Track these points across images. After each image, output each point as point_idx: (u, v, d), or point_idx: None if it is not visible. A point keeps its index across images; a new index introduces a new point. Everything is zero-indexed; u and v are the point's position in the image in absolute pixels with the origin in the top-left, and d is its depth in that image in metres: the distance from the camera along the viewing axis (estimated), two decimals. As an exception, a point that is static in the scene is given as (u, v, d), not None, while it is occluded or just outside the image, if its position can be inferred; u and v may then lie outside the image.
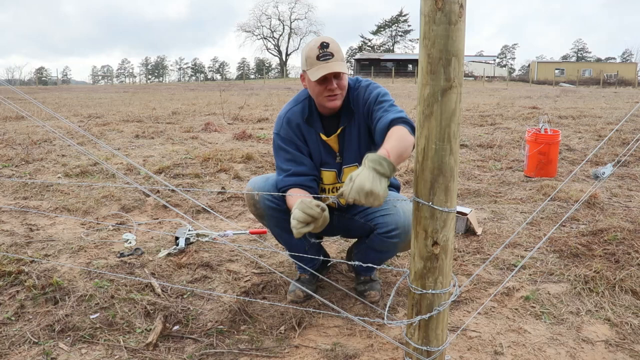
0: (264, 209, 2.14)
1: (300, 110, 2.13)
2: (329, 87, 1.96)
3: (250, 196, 2.16)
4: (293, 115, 2.13)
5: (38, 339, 1.89)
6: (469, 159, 5.67)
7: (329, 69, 1.90)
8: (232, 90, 24.52)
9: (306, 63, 1.96)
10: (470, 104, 14.28)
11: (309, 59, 1.93)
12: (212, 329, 2.00)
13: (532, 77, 49.71)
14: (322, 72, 1.90)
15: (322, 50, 1.91)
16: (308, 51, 1.94)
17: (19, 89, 20.08)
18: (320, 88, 1.97)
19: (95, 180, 4.55)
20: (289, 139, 2.12)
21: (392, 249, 2.11)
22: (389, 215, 2.05)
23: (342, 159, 2.14)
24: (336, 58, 1.92)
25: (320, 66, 1.91)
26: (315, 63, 1.92)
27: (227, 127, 8.53)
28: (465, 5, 1.16)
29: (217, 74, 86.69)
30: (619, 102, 15.89)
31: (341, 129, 2.09)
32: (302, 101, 2.14)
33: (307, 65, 1.95)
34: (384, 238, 2.05)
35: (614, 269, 2.48)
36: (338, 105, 2.03)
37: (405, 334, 1.40)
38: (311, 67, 1.93)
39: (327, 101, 2.00)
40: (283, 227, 2.15)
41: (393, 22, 74.83)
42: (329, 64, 1.91)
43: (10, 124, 8.70)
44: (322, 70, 1.90)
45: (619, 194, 4.09)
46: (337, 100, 2.01)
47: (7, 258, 2.56)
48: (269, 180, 2.16)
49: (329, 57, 1.91)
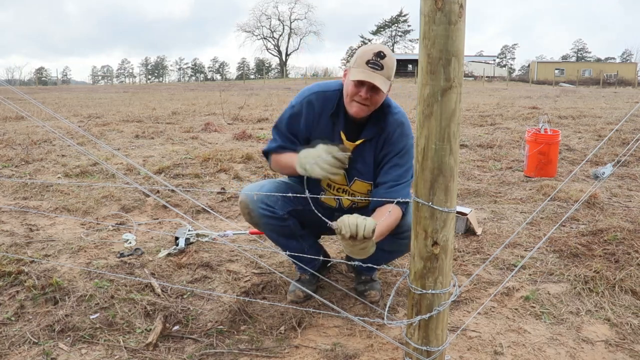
0: (259, 217, 2.12)
1: (327, 99, 2.07)
2: (360, 94, 1.92)
3: (245, 205, 2.13)
4: (318, 101, 2.07)
5: (38, 339, 1.89)
6: (469, 159, 5.67)
7: (371, 78, 1.86)
8: (232, 91, 24.52)
9: (355, 61, 1.92)
10: (470, 104, 14.28)
11: (359, 59, 1.90)
12: (212, 329, 2.00)
13: (532, 77, 49.70)
14: (362, 77, 1.86)
15: (376, 59, 1.87)
16: (362, 52, 1.91)
17: (18, 89, 20.08)
18: (354, 90, 1.93)
19: (95, 180, 4.55)
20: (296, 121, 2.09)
21: (403, 248, 2.11)
22: (402, 216, 2.04)
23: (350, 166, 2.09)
24: (384, 72, 1.88)
25: (366, 71, 1.87)
26: (362, 66, 1.88)
27: (227, 127, 8.53)
28: (465, 5, 1.16)
29: (217, 74, 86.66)
30: (618, 102, 15.88)
31: (362, 141, 2.06)
32: (332, 91, 2.08)
33: (355, 64, 1.91)
34: (395, 239, 2.03)
35: (614, 269, 2.48)
36: (360, 115, 1.99)
37: (405, 334, 1.40)
38: (357, 67, 1.90)
39: (353, 106, 1.96)
40: (279, 232, 2.16)
41: (393, 22, 74.82)
42: (374, 73, 1.87)
43: (10, 124, 8.70)
44: (363, 76, 1.86)
45: (619, 194, 4.09)
46: (362, 111, 1.97)
47: (7, 258, 2.56)
48: (263, 188, 2.13)
49: (378, 67, 1.87)
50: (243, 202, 2.13)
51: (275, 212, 2.09)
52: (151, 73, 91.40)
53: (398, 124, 2.04)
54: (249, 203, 2.11)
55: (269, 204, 2.09)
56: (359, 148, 2.07)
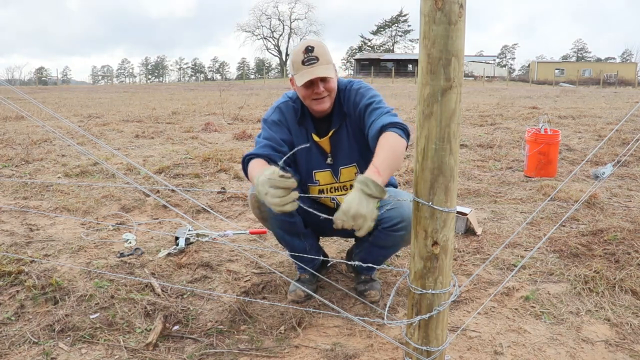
0: (268, 212, 2.11)
1: (292, 109, 2.13)
2: (315, 91, 1.97)
3: (255, 200, 2.11)
4: (286, 108, 2.13)
5: (38, 339, 1.89)
6: (469, 159, 5.67)
7: (313, 73, 1.91)
8: (232, 90, 24.52)
9: (293, 68, 1.97)
10: (470, 104, 14.28)
11: (295, 63, 1.95)
12: (212, 329, 2.00)
13: (532, 77, 49.72)
14: (306, 77, 1.91)
15: (307, 55, 1.92)
16: (293, 56, 1.95)
17: (18, 89, 20.07)
18: (307, 92, 1.99)
19: (95, 180, 4.55)
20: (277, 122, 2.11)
21: (398, 242, 2.11)
22: (393, 210, 2.05)
23: (333, 161, 2.16)
24: (321, 62, 1.93)
25: (305, 71, 1.92)
26: (301, 68, 1.93)
27: (227, 127, 8.53)
28: (465, 5, 1.16)
29: (217, 74, 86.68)
30: (618, 102, 15.88)
31: (333, 131, 2.10)
32: (295, 100, 2.15)
33: (294, 70, 1.97)
34: (390, 232, 2.05)
35: (614, 269, 2.48)
36: (326, 108, 2.04)
37: (405, 334, 1.40)
38: (297, 72, 1.95)
39: (315, 104, 2.02)
40: (286, 229, 2.16)
41: (393, 22, 74.83)
42: (313, 68, 1.92)
43: (10, 124, 8.70)
44: (306, 75, 1.91)
45: (619, 194, 4.09)
46: (325, 104, 2.02)
47: (7, 258, 2.56)
48: None
49: (313, 61, 1.92)
50: (254, 197, 2.11)
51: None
52: (151, 73, 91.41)
53: (352, 93, 2.08)
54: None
55: None
56: (333, 139, 2.12)
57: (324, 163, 2.16)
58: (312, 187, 2.22)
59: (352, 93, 2.08)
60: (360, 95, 2.05)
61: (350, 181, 2.18)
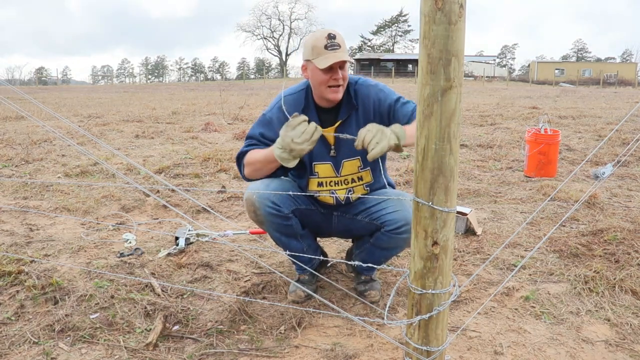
0: (264, 215, 2.10)
1: (294, 100, 2.12)
2: (334, 77, 1.97)
3: (250, 203, 2.11)
4: (287, 104, 2.11)
5: (38, 339, 1.89)
6: (469, 159, 5.67)
7: (338, 57, 1.91)
8: (232, 90, 24.52)
9: (312, 52, 1.95)
10: (470, 104, 14.28)
11: (316, 48, 1.93)
12: (212, 329, 2.00)
13: (532, 77, 49.70)
14: (331, 61, 1.91)
15: (330, 41, 1.93)
16: (315, 40, 1.94)
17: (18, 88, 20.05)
18: (326, 77, 1.97)
19: (95, 180, 4.55)
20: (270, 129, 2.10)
21: (401, 244, 2.11)
22: (396, 212, 2.05)
23: (336, 153, 2.13)
24: (342, 49, 1.95)
25: (329, 55, 1.92)
26: (323, 52, 1.93)
27: (227, 127, 8.53)
28: (465, 5, 1.15)
29: (217, 74, 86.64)
30: (618, 102, 15.88)
31: (340, 122, 2.09)
32: (298, 92, 2.13)
33: (314, 54, 1.95)
34: (393, 235, 2.05)
35: (614, 269, 2.48)
36: (338, 99, 2.04)
37: (405, 334, 1.40)
38: (318, 55, 1.94)
39: (329, 92, 2.01)
40: (282, 231, 2.15)
41: (393, 22, 74.81)
42: (337, 53, 1.92)
43: (10, 124, 8.70)
44: (330, 59, 1.91)
45: (619, 194, 4.09)
46: (339, 93, 2.02)
47: (7, 258, 2.56)
48: (269, 186, 2.11)
49: (336, 47, 1.93)
50: (249, 200, 2.11)
51: (281, 211, 2.08)
52: (151, 73, 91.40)
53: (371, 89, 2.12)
54: (255, 201, 2.09)
55: (276, 202, 2.08)
56: (339, 130, 2.09)
57: (327, 155, 2.13)
58: (311, 179, 2.19)
59: (371, 89, 2.10)
60: (383, 93, 2.10)
61: (351, 175, 2.17)
